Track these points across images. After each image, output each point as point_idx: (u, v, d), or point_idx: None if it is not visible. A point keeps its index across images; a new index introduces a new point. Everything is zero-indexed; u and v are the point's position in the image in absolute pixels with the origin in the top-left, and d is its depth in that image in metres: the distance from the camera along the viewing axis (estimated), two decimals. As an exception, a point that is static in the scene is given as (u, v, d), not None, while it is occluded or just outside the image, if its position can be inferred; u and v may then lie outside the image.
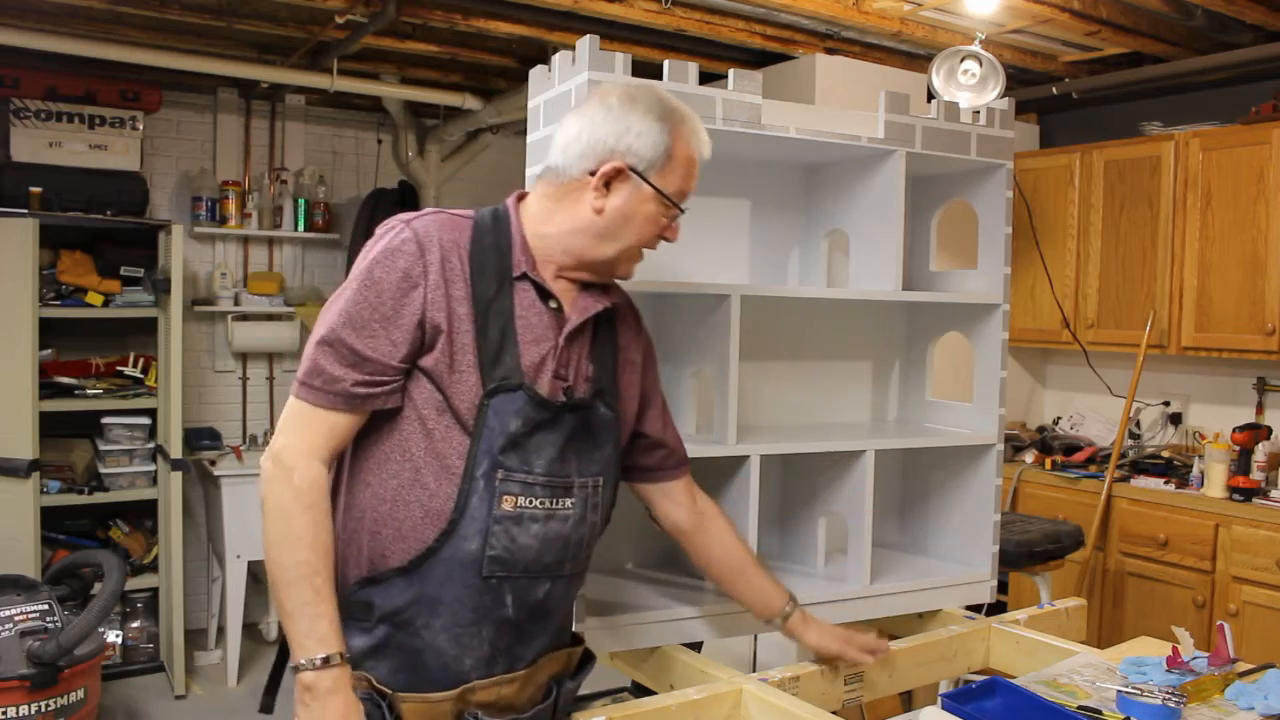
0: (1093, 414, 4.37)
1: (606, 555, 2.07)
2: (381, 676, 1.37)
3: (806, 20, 3.53)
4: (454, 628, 1.38)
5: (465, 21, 3.46)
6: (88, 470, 4.17)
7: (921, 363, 2.35)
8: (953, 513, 2.26)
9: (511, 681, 1.44)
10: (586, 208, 1.43)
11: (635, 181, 1.42)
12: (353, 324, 1.34)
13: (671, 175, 1.43)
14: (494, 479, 1.37)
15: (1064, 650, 1.89)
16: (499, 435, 1.37)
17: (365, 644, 1.38)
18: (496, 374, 1.37)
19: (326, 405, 1.34)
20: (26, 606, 3.04)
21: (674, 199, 1.44)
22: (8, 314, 3.70)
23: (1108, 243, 4.01)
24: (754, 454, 1.89)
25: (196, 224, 4.57)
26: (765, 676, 1.68)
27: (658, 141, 1.41)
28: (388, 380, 1.36)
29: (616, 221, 1.43)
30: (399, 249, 1.36)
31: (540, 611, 1.46)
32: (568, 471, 1.44)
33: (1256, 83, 3.79)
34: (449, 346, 1.36)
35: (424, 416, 1.37)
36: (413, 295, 1.35)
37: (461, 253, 1.39)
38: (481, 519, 1.37)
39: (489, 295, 1.38)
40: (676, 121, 1.44)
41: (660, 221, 1.45)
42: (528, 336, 1.41)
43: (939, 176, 2.28)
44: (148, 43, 3.84)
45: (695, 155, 1.46)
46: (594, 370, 1.49)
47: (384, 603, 1.37)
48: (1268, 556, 3.27)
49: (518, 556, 1.40)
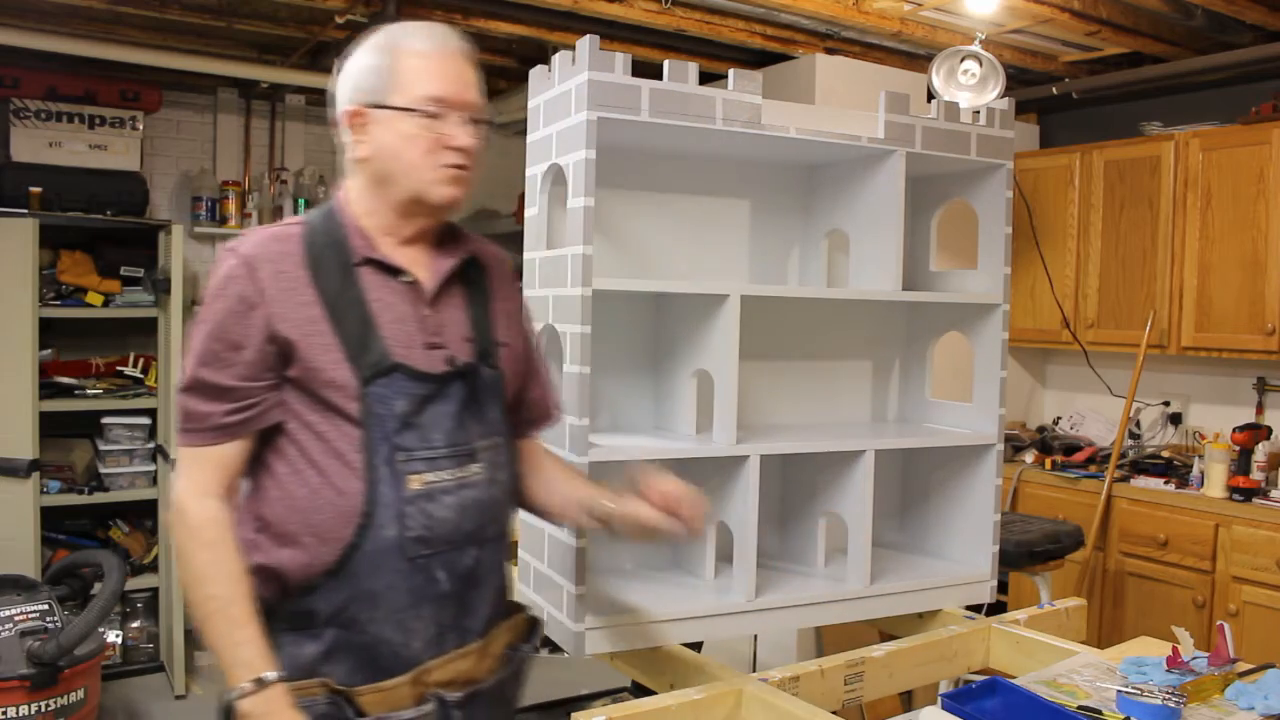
0: (1093, 414, 4.37)
1: (607, 555, 2.08)
2: (340, 677, 1.38)
3: (806, 20, 3.53)
4: (394, 615, 1.39)
5: (465, 21, 3.46)
6: (88, 470, 4.17)
7: (921, 363, 2.35)
8: (953, 513, 2.26)
9: (466, 655, 1.45)
10: (356, 161, 1.45)
11: (374, 114, 1.41)
12: (206, 362, 1.36)
13: (408, 87, 1.40)
14: (395, 462, 1.38)
15: (1064, 650, 1.89)
16: (390, 419, 1.38)
17: (317, 650, 1.39)
18: (366, 362, 1.38)
19: (205, 442, 1.37)
20: (26, 606, 3.04)
21: (419, 105, 1.39)
22: (8, 314, 3.70)
23: (1108, 243, 4.01)
24: (754, 454, 1.89)
25: (196, 224, 4.57)
26: (765, 676, 1.68)
27: (378, 65, 1.41)
28: (255, 402, 1.37)
29: (385, 157, 1.41)
30: (230, 277, 1.37)
31: (474, 580, 1.46)
32: (468, 438, 1.45)
33: (1256, 83, 3.79)
34: (309, 351, 1.37)
35: (310, 423, 1.39)
36: (253, 316, 1.36)
37: (294, 260, 1.39)
38: (393, 504, 1.38)
39: (335, 289, 1.39)
40: (394, 40, 1.43)
41: (428, 136, 1.40)
42: (387, 317, 1.41)
43: (939, 176, 2.28)
44: (148, 43, 3.84)
45: (429, 55, 1.42)
46: (472, 329, 1.49)
47: (324, 606, 1.38)
48: (1268, 556, 3.27)
49: (437, 531, 1.41)
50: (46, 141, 4.06)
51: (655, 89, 1.77)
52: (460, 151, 1.41)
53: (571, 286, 1.77)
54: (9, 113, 4.01)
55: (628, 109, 1.75)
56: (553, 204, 1.94)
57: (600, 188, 1.83)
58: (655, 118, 1.77)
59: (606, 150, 1.86)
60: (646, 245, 2.12)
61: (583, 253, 1.74)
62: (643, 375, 2.11)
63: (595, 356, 1.80)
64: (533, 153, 1.96)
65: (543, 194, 1.93)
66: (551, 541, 1.85)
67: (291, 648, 1.37)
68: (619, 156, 2.01)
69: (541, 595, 1.91)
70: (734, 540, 1.91)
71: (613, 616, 1.79)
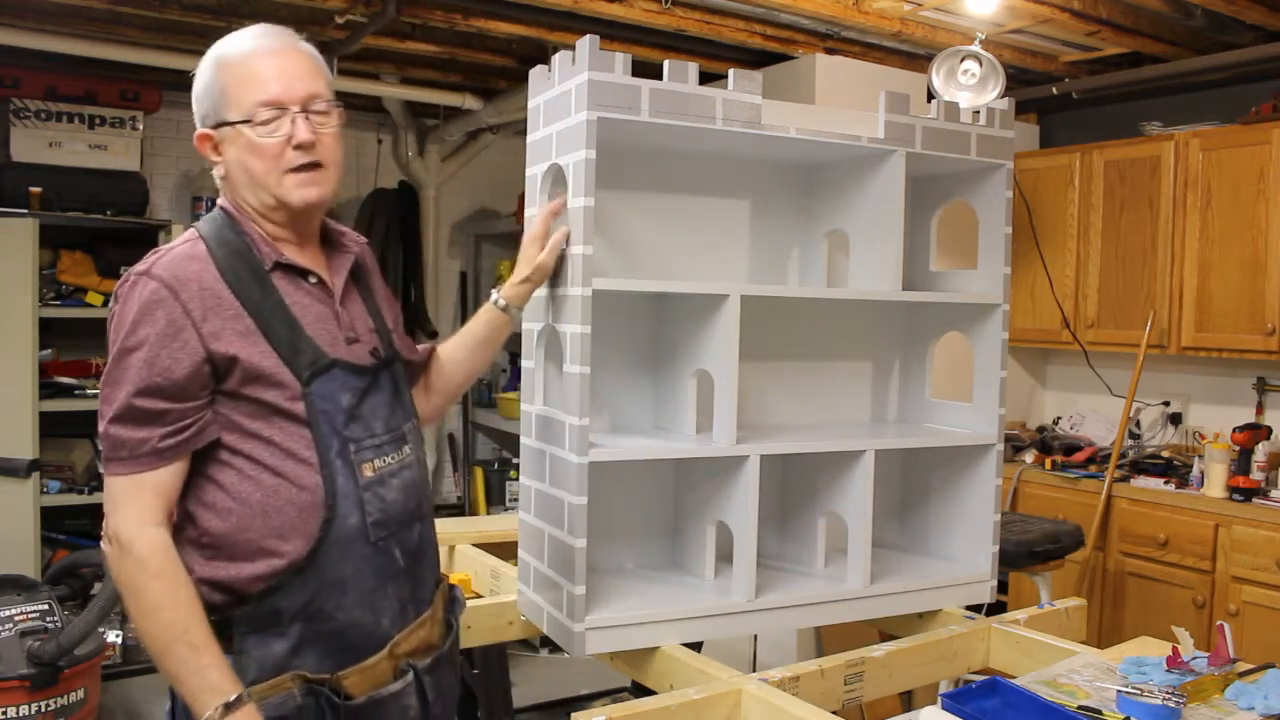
0: (1093, 414, 4.37)
1: (607, 555, 2.08)
2: (311, 666, 1.39)
3: (806, 20, 3.53)
4: (365, 597, 1.44)
5: (465, 21, 3.46)
6: (88, 470, 4.18)
7: (921, 363, 2.34)
8: (953, 513, 2.26)
9: (422, 624, 1.53)
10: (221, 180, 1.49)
11: (219, 134, 1.43)
12: (139, 390, 1.33)
13: (237, 100, 1.41)
14: (348, 453, 1.43)
15: (1064, 650, 1.89)
16: (337, 414, 1.43)
17: (285, 647, 1.39)
18: (302, 363, 1.41)
19: (143, 469, 1.34)
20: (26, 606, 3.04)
21: (252, 115, 1.40)
22: (8, 314, 3.70)
23: (1108, 243, 4.01)
24: (754, 454, 1.88)
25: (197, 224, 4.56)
26: (765, 676, 1.68)
27: (210, 84, 1.43)
28: (190, 423, 1.36)
29: (237, 169, 1.44)
30: (153, 301, 1.35)
31: (420, 553, 1.55)
32: (397, 422, 1.53)
33: (1256, 83, 3.79)
34: (246, 362, 1.37)
35: (254, 430, 1.39)
36: (184, 337, 1.35)
37: (211, 276, 1.39)
38: (352, 493, 1.42)
39: (257, 298, 1.41)
40: (218, 53, 1.45)
41: (270, 141, 1.41)
42: (308, 318, 1.45)
43: (939, 176, 2.28)
44: (148, 43, 3.84)
45: (249, 59, 1.43)
46: (372, 320, 1.57)
47: (289, 604, 1.39)
48: (1268, 556, 3.27)
49: (391, 513, 1.47)
50: (46, 141, 4.06)
51: (655, 89, 1.77)
52: (303, 149, 1.42)
53: (571, 286, 1.77)
54: (9, 113, 4.01)
55: (628, 109, 1.75)
56: (553, 204, 1.93)
57: (600, 188, 1.83)
58: (655, 118, 1.77)
59: (606, 150, 1.86)
60: (646, 245, 2.12)
61: (583, 253, 1.74)
62: (643, 375, 2.11)
63: (595, 356, 1.80)
64: (533, 153, 1.96)
65: (543, 194, 1.93)
66: (551, 541, 1.85)
67: (257, 650, 1.38)
68: (619, 156, 2.01)
69: (541, 595, 1.91)
70: (734, 540, 1.91)
71: (613, 616, 1.79)
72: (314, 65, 1.47)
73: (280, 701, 1.35)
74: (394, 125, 4.96)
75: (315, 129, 1.43)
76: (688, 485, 2.09)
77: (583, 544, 1.75)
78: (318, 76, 1.47)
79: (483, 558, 2.38)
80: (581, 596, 1.75)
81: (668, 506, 2.14)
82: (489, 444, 5.58)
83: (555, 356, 1.90)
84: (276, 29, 1.48)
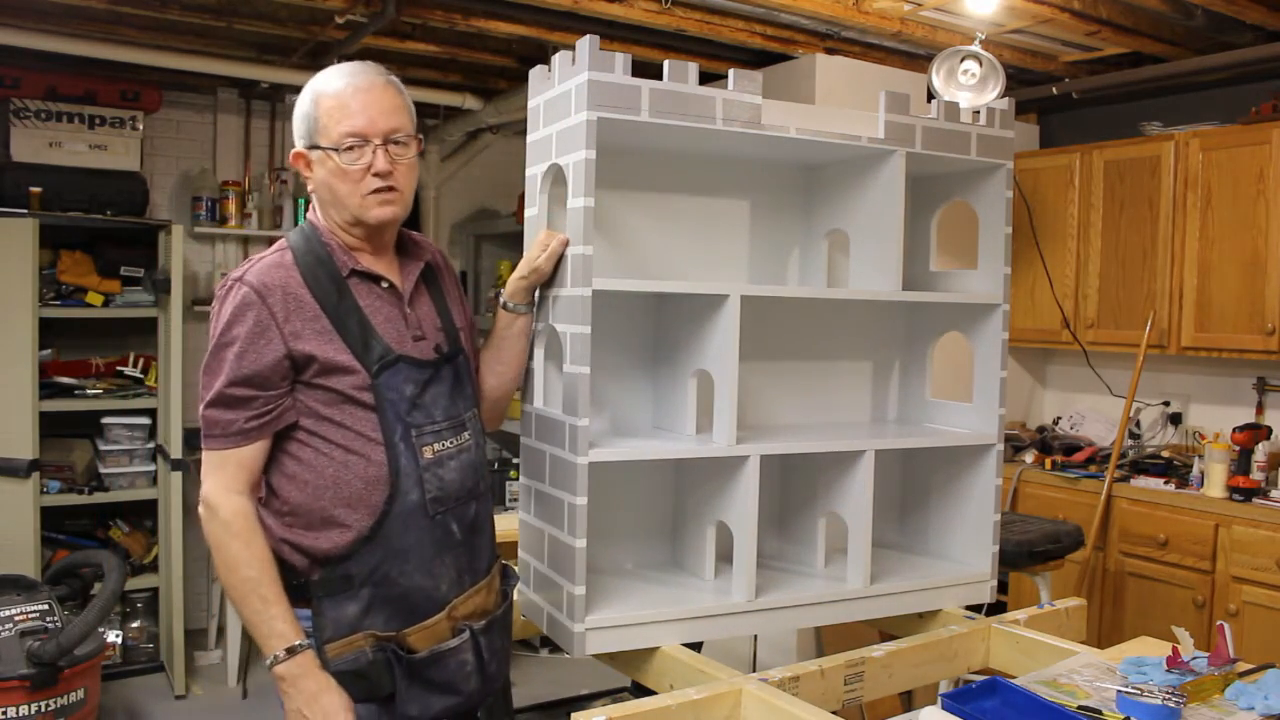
0: (1093, 414, 4.37)
1: (607, 555, 2.08)
2: (379, 626, 1.60)
3: (806, 20, 3.53)
4: (424, 564, 1.63)
5: (465, 21, 3.46)
6: (88, 470, 4.17)
7: (921, 363, 2.34)
8: (953, 513, 2.26)
9: (478, 591, 1.72)
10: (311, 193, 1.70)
11: (311, 155, 1.65)
12: (231, 380, 1.56)
13: (327, 130, 1.61)
14: (410, 437, 1.62)
15: (1064, 650, 1.89)
16: (401, 402, 1.62)
17: (357, 609, 1.59)
18: (372, 358, 1.61)
19: (230, 445, 1.58)
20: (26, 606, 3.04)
21: (338, 144, 1.60)
22: (8, 314, 3.70)
23: (1108, 243, 4.01)
24: (754, 454, 1.88)
25: (196, 224, 4.57)
26: (765, 676, 1.68)
27: (306, 113, 1.64)
28: (272, 409, 1.59)
29: (324, 187, 1.65)
30: (245, 304, 1.57)
31: (476, 528, 1.74)
32: (458, 410, 1.71)
33: (1256, 83, 3.79)
34: (322, 357, 1.58)
35: (329, 415, 1.61)
36: (270, 337, 1.57)
37: (295, 282, 1.61)
38: (413, 472, 1.62)
39: (334, 301, 1.62)
40: (315, 87, 1.65)
41: (351, 168, 1.61)
42: (379, 318, 1.65)
43: (939, 176, 2.28)
44: (148, 43, 3.84)
45: (341, 94, 1.61)
46: (440, 319, 1.75)
47: (360, 570, 1.59)
48: (1268, 556, 3.27)
49: (449, 491, 1.66)
50: (46, 141, 4.06)
51: (655, 89, 1.77)
52: (380, 176, 1.62)
53: (571, 286, 1.77)
54: (9, 113, 4.01)
55: (628, 109, 1.75)
56: (553, 204, 1.93)
57: (600, 188, 1.83)
58: (655, 118, 1.77)
59: (606, 150, 1.86)
60: (646, 245, 2.12)
61: (583, 253, 1.74)
62: (643, 375, 2.11)
63: (595, 356, 1.80)
64: (532, 153, 1.96)
65: (543, 194, 1.93)
66: (551, 541, 1.85)
67: (333, 611, 1.59)
68: (619, 156, 2.01)
69: (541, 595, 1.91)
70: (734, 540, 1.91)
71: (613, 616, 1.79)
72: (398, 101, 1.66)
73: (354, 657, 1.58)
74: (394, 125, 4.96)
75: (393, 159, 1.63)
76: (688, 485, 2.09)
77: (583, 544, 1.75)
78: (401, 112, 1.66)
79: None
80: (581, 597, 1.75)
81: (668, 506, 2.14)
82: (489, 444, 5.58)
83: (555, 356, 1.90)
84: (370, 66, 1.67)
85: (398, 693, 1.59)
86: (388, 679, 1.59)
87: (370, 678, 1.58)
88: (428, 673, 1.62)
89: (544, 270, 1.82)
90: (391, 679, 1.59)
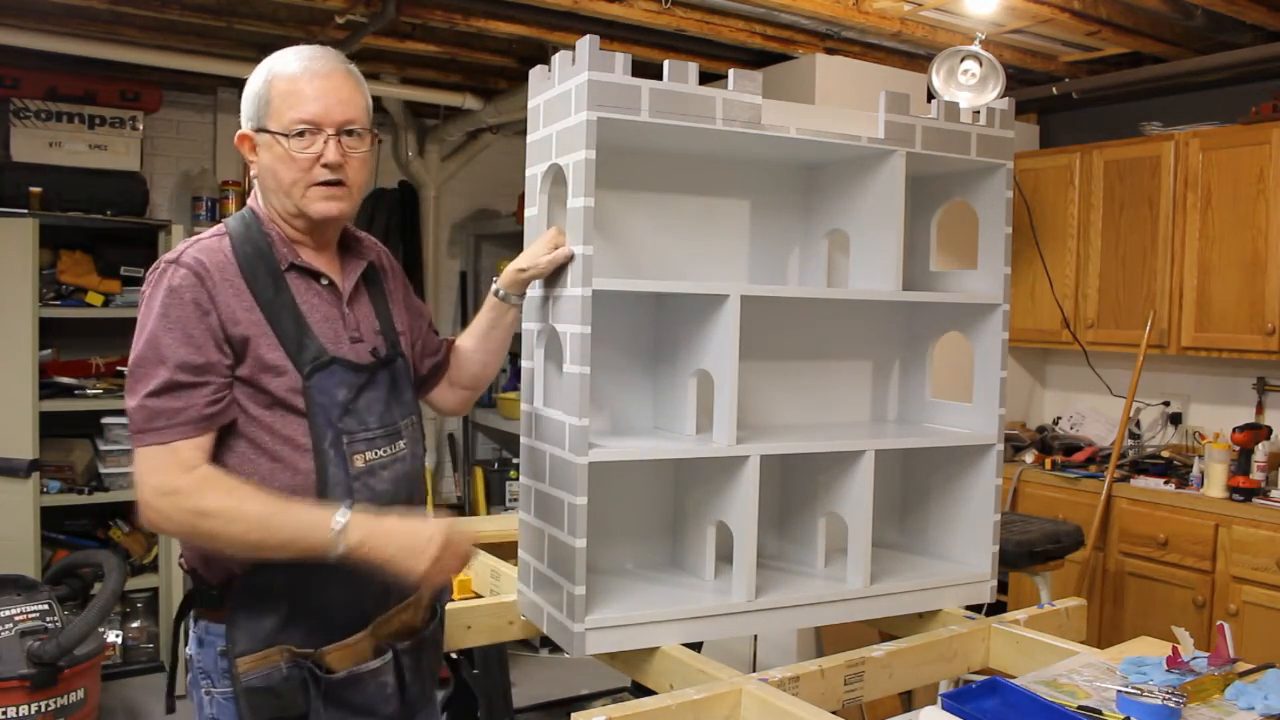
0: (1093, 414, 4.37)
1: (607, 555, 2.08)
2: (298, 641, 1.51)
3: (806, 20, 3.53)
4: (347, 579, 1.50)
5: (465, 21, 3.46)
6: (88, 470, 4.17)
7: (921, 363, 2.34)
8: (953, 513, 2.26)
9: (405, 608, 1.64)
10: (254, 178, 1.61)
11: (257, 138, 1.55)
12: (180, 364, 1.44)
13: (279, 113, 1.52)
14: (341, 444, 1.53)
15: (1064, 650, 1.89)
16: (333, 407, 1.53)
17: (275, 622, 1.51)
18: (305, 359, 1.52)
19: (187, 435, 1.44)
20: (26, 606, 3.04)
21: (289, 129, 1.52)
22: (8, 314, 3.70)
23: (1108, 243, 4.01)
24: (754, 454, 1.89)
25: (196, 224, 4.56)
26: (765, 676, 1.68)
27: (258, 92, 1.55)
28: (225, 395, 1.48)
29: (267, 174, 1.56)
30: (181, 286, 1.46)
31: None
32: (393, 418, 1.63)
33: (1256, 83, 3.79)
34: (254, 351, 1.49)
35: (257, 416, 1.51)
36: (208, 320, 1.46)
37: (232, 268, 1.51)
38: (342, 481, 1.53)
39: (270, 296, 1.52)
40: (270, 66, 1.56)
41: (299, 156, 1.52)
42: (315, 317, 1.57)
43: (939, 176, 2.28)
44: (148, 43, 3.84)
45: (298, 78, 1.53)
46: (379, 322, 1.67)
47: (278, 582, 1.50)
48: (1268, 556, 3.27)
49: (380, 502, 1.55)
50: (46, 141, 4.05)
51: (655, 89, 1.77)
52: (329, 168, 1.54)
53: (571, 286, 1.77)
54: (9, 113, 4.01)
55: (628, 109, 1.75)
56: (553, 204, 1.93)
57: (600, 188, 1.83)
58: (655, 118, 1.77)
59: (606, 150, 1.86)
60: (646, 245, 2.12)
61: (583, 253, 1.74)
62: (643, 375, 2.11)
63: (595, 356, 1.80)
64: (532, 153, 1.96)
65: (543, 194, 1.93)
66: (551, 541, 1.85)
67: (248, 623, 1.49)
68: (619, 156, 2.01)
69: (541, 595, 1.91)
70: (734, 540, 1.91)
71: (613, 616, 1.79)
72: (356, 92, 1.58)
73: (267, 673, 1.48)
74: (394, 125, 4.96)
75: (345, 151, 1.55)
76: (688, 485, 2.09)
77: (583, 544, 1.75)
78: (357, 103, 1.57)
79: (483, 558, 2.38)
80: (581, 597, 1.75)
81: (668, 506, 2.14)
82: (489, 444, 5.58)
83: (555, 356, 1.90)
84: (329, 52, 1.58)
85: (311, 713, 1.50)
86: (301, 698, 1.49)
87: (283, 696, 1.48)
88: (344, 694, 1.53)
89: (543, 270, 1.82)
90: (305, 699, 1.49)
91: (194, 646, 1.58)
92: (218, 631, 1.52)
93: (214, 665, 1.53)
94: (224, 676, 1.51)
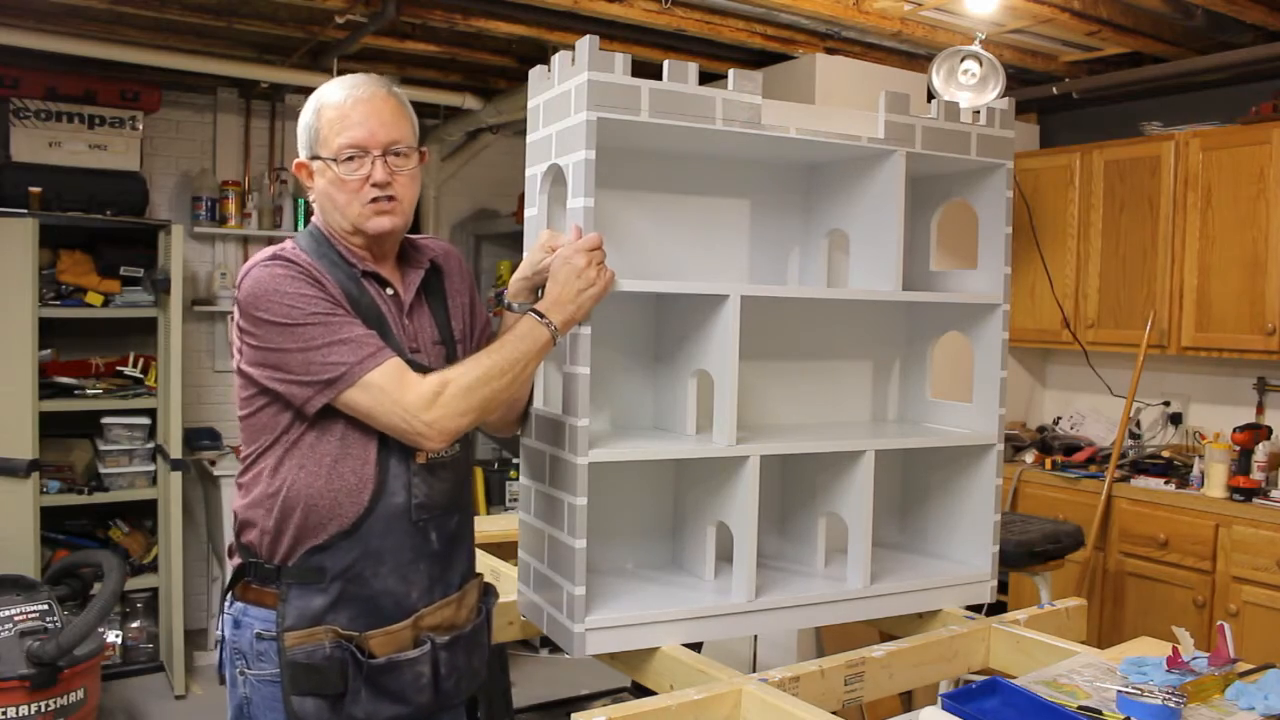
0: (1093, 414, 4.37)
1: (607, 555, 2.08)
2: (343, 624, 1.59)
3: (806, 20, 3.53)
4: (399, 569, 1.63)
5: (465, 21, 3.46)
6: (88, 470, 4.17)
7: (921, 363, 2.34)
8: (953, 513, 2.25)
9: (448, 604, 1.70)
10: (313, 202, 1.71)
11: (312, 165, 1.66)
12: (332, 304, 1.56)
13: (328, 141, 1.62)
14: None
15: (1064, 650, 1.89)
16: None
17: (324, 602, 1.58)
18: None
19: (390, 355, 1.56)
20: (26, 606, 3.05)
21: (338, 155, 1.61)
22: (8, 314, 3.70)
23: (1108, 243, 4.01)
24: (754, 454, 1.88)
25: (196, 224, 4.57)
26: (765, 676, 1.68)
27: (309, 125, 1.66)
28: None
29: (324, 197, 1.66)
30: (285, 273, 1.56)
31: (456, 540, 1.73)
32: None
33: (1256, 83, 3.79)
34: None
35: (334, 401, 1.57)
36: (325, 289, 1.57)
37: (316, 269, 1.60)
38: (403, 475, 1.62)
39: (355, 294, 1.63)
40: (317, 98, 1.66)
41: (349, 179, 1.62)
42: (389, 320, 1.66)
43: (939, 176, 2.28)
44: (148, 43, 3.84)
45: (342, 106, 1.62)
46: (438, 333, 1.74)
47: (334, 564, 1.59)
48: (1268, 556, 3.27)
49: (435, 499, 1.67)
50: (46, 141, 4.06)
51: (655, 89, 1.77)
52: (378, 186, 1.62)
53: (571, 286, 1.76)
54: (9, 113, 4.01)
55: (627, 109, 1.75)
56: (552, 204, 1.93)
57: (600, 188, 1.83)
58: (655, 118, 1.77)
59: (606, 150, 1.86)
60: (646, 245, 2.12)
61: (583, 253, 1.73)
62: (643, 375, 2.11)
63: (595, 356, 1.80)
64: (532, 153, 1.96)
65: (542, 194, 1.93)
66: (551, 541, 1.85)
67: (299, 600, 1.58)
68: (619, 156, 2.01)
69: (541, 595, 1.91)
70: (734, 540, 1.90)
71: (613, 617, 1.79)
72: (400, 113, 1.66)
73: (312, 649, 1.56)
74: (394, 125, 4.96)
75: (392, 170, 1.63)
76: (688, 485, 2.09)
77: (583, 544, 1.75)
78: (401, 124, 1.66)
79: (483, 558, 2.38)
80: (581, 597, 1.75)
81: (668, 506, 2.14)
82: (489, 444, 5.58)
83: (555, 356, 1.90)
84: (372, 78, 1.67)
85: (348, 693, 1.57)
86: (340, 678, 1.57)
87: (324, 673, 1.56)
88: (382, 679, 1.60)
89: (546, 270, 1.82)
90: (344, 679, 1.57)
91: (229, 628, 1.65)
92: (255, 614, 1.60)
93: (250, 647, 1.60)
94: (259, 659, 1.60)
